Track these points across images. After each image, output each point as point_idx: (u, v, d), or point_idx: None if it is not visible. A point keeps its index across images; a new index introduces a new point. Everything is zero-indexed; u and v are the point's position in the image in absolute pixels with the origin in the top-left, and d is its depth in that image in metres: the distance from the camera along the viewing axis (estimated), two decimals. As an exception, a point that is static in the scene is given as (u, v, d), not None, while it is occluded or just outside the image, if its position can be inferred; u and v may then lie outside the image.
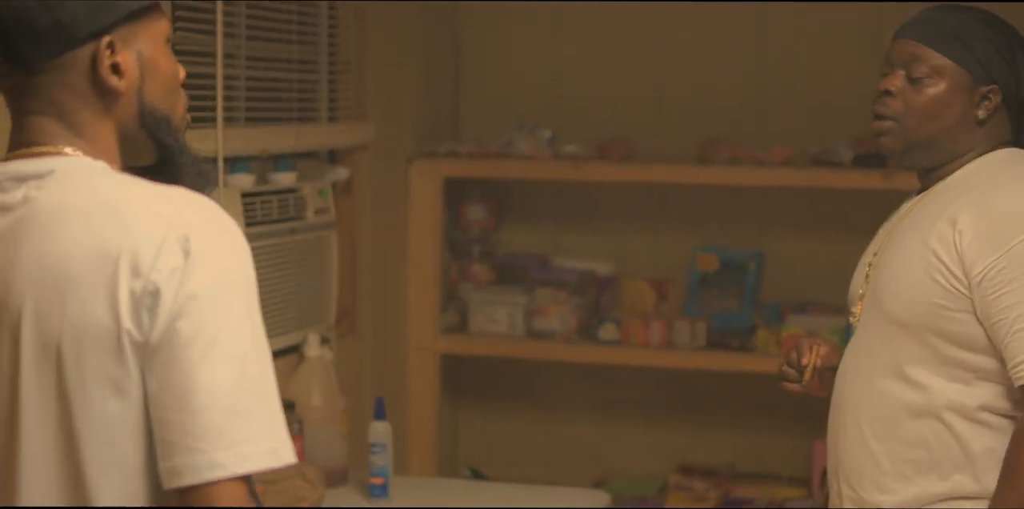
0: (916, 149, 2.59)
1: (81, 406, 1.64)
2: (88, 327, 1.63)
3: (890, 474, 2.55)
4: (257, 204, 3.62)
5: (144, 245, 1.62)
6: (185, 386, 1.61)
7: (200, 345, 1.61)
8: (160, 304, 1.61)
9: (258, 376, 1.65)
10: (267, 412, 1.65)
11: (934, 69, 2.56)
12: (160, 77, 1.79)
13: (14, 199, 1.71)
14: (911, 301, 2.52)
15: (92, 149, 1.76)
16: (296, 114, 3.94)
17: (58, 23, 1.70)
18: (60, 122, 1.75)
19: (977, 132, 2.58)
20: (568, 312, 4.66)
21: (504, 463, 4.92)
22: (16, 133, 1.77)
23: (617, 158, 4.58)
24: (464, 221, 4.88)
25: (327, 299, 3.97)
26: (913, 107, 2.57)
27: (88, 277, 1.63)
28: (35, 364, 1.65)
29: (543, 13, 4.86)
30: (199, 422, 1.60)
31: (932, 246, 2.49)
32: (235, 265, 1.67)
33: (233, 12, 3.57)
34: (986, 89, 2.56)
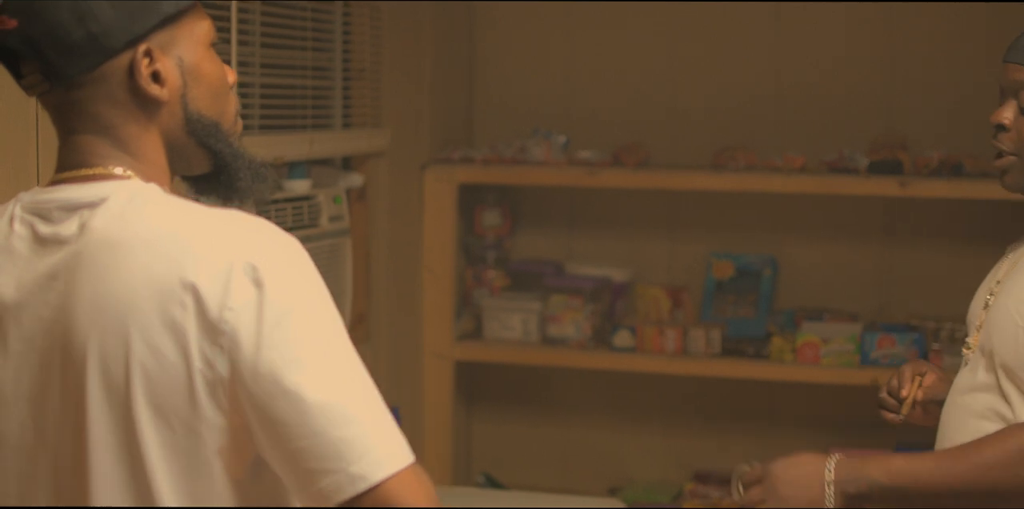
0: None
1: (152, 444, 1.61)
2: (155, 366, 1.59)
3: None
4: (272, 212, 3.62)
5: (209, 280, 1.59)
6: (300, 413, 1.58)
7: (300, 369, 1.58)
8: (241, 341, 1.58)
9: (363, 381, 1.63)
10: (383, 414, 1.63)
11: None
12: (205, 82, 1.74)
13: (68, 231, 1.67)
14: (1010, 348, 2.36)
15: (141, 166, 1.72)
16: (310, 121, 3.93)
17: (91, 35, 1.66)
18: (105, 138, 1.71)
19: None
20: (583, 319, 4.65)
21: (519, 470, 4.91)
22: (63, 154, 1.73)
23: (632, 164, 4.57)
24: (479, 227, 4.88)
25: (342, 306, 3.96)
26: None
27: (152, 316, 1.59)
28: (103, 402, 1.61)
29: (558, 19, 4.85)
30: (325, 442, 1.58)
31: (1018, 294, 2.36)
32: (308, 282, 1.64)
33: (248, 20, 3.57)
34: None
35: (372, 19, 4.20)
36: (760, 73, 4.68)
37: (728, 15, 4.65)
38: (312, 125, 3.94)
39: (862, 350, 4.34)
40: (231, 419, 1.61)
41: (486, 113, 4.95)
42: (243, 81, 3.51)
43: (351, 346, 1.65)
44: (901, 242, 4.63)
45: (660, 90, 4.78)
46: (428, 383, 4.65)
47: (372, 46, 4.21)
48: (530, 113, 4.84)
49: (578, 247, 4.91)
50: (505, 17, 4.90)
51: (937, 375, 2.60)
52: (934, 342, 4.36)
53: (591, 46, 4.83)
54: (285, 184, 3.78)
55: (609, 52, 4.81)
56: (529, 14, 4.86)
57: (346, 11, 4.10)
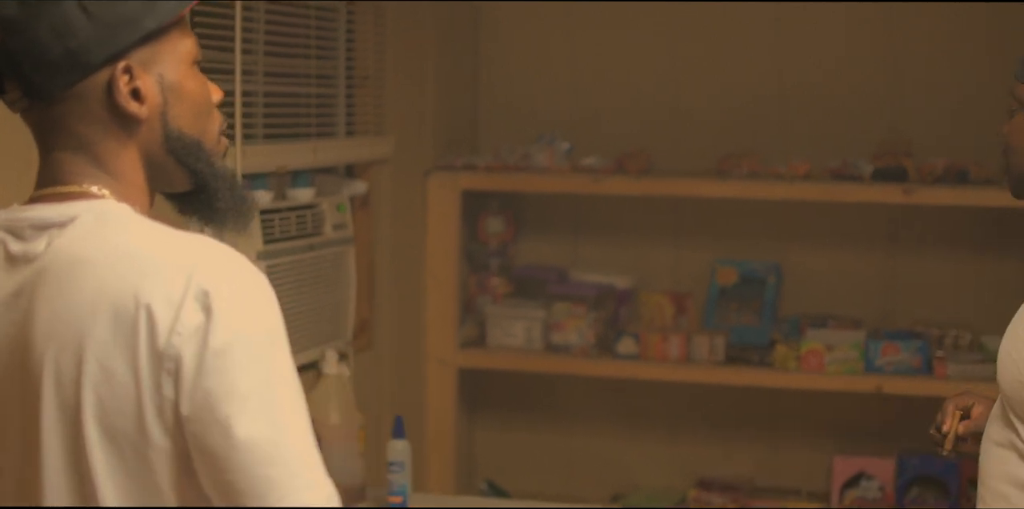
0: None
1: (100, 464, 1.59)
2: (107, 386, 1.57)
3: None
4: (275, 221, 3.61)
5: (162, 303, 1.56)
6: (227, 447, 1.56)
7: (235, 401, 1.56)
8: (183, 367, 1.56)
9: (298, 422, 1.60)
10: (313, 457, 1.61)
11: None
12: (187, 100, 1.72)
13: (36, 249, 1.66)
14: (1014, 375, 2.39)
15: (118, 184, 1.70)
16: (314, 129, 3.92)
17: (69, 51, 1.63)
18: (84, 155, 1.69)
19: None
20: (586, 326, 4.64)
21: (522, 477, 4.91)
22: (42, 171, 1.72)
23: (636, 171, 4.56)
24: (482, 234, 4.87)
25: (345, 314, 3.96)
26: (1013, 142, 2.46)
27: (106, 336, 1.57)
28: (55, 422, 1.60)
29: (562, 26, 4.85)
30: (249, 478, 1.56)
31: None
32: (260, 315, 1.61)
33: (251, 28, 3.56)
34: None
35: (376, 25, 4.20)
36: (763, 77, 4.67)
37: (730, 19, 4.65)
38: (316, 133, 3.93)
39: (866, 357, 4.34)
40: (178, 444, 1.59)
41: (490, 119, 4.95)
42: (247, 89, 3.50)
43: (295, 383, 1.62)
44: (905, 249, 4.62)
45: (664, 97, 4.77)
46: (431, 390, 4.64)
47: (375, 53, 4.21)
48: (534, 119, 4.83)
49: (582, 254, 4.91)
50: (508, 24, 4.89)
51: (985, 406, 2.57)
52: (938, 349, 4.35)
53: (594, 52, 4.83)
54: (289, 193, 3.77)
55: (612, 58, 4.81)
56: (532, 21, 4.86)
57: (350, 19, 4.10)
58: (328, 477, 1.62)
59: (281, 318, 1.63)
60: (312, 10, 3.89)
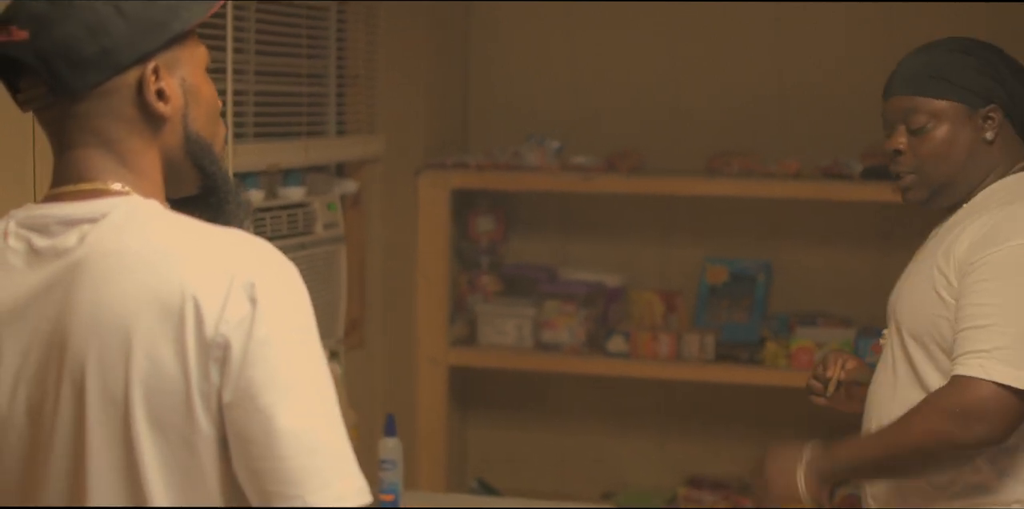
0: (940, 191, 2.66)
1: (149, 457, 1.61)
2: (155, 378, 1.59)
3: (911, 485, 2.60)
4: (267, 220, 3.61)
5: (209, 294, 1.59)
6: (268, 434, 1.58)
7: (277, 391, 1.59)
8: (231, 355, 1.58)
9: (335, 415, 1.63)
10: (349, 450, 1.63)
11: (930, 114, 2.63)
12: (203, 104, 1.76)
13: (66, 243, 1.67)
14: (920, 314, 2.58)
15: (139, 182, 1.72)
16: (305, 128, 3.93)
17: (104, 50, 1.66)
18: (107, 153, 1.71)
19: (993, 152, 2.65)
20: (576, 324, 4.65)
21: (513, 475, 4.91)
22: (61, 168, 1.73)
23: (626, 170, 4.58)
24: (473, 232, 4.88)
25: (336, 312, 3.97)
26: (925, 156, 2.63)
27: (153, 328, 1.59)
28: (102, 414, 1.61)
29: (554, 25, 4.86)
30: (288, 467, 1.58)
31: (938, 262, 2.57)
32: (300, 308, 1.64)
33: (243, 27, 3.57)
34: (985, 111, 2.63)
35: (367, 25, 4.20)
36: (758, 77, 4.68)
37: (726, 19, 4.66)
38: (307, 132, 3.94)
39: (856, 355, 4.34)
40: (220, 431, 1.61)
41: (480, 119, 4.95)
42: (238, 88, 3.51)
43: (329, 377, 1.65)
44: (895, 247, 4.61)
45: (654, 96, 4.78)
46: (422, 388, 4.65)
47: (367, 52, 4.21)
48: (525, 118, 4.84)
49: (572, 252, 4.92)
50: (500, 24, 4.90)
51: (859, 361, 2.79)
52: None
53: (586, 52, 4.84)
54: (280, 191, 3.77)
55: (604, 57, 4.82)
56: (524, 21, 4.87)
57: (341, 18, 4.10)
58: (360, 469, 1.64)
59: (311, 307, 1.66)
60: (303, 9, 3.90)
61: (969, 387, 2.43)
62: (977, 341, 2.45)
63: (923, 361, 2.57)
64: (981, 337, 2.45)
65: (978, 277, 2.49)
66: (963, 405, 2.43)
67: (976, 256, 2.51)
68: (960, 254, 2.53)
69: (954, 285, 2.53)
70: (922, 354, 2.58)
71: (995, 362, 2.43)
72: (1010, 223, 2.53)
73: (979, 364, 2.43)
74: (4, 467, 1.70)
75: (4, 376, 1.68)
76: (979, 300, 2.48)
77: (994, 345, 2.44)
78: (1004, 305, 2.47)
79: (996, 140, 2.64)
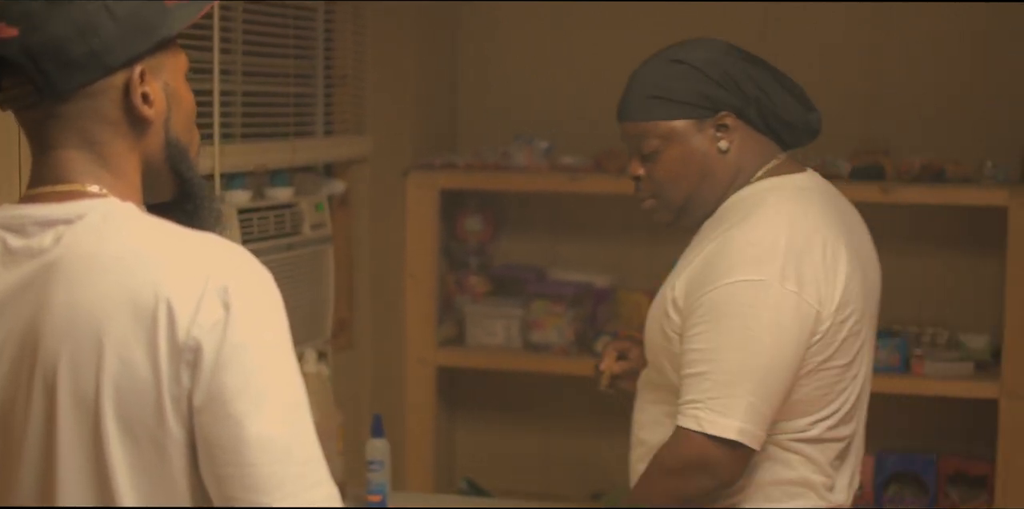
0: (685, 210, 2.66)
1: (119, 459, 1.60)
2: (127, 380, 1.59)
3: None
4: (254, 220, 3.60)
5: (182, 297, 1.59)
6: (239, 440, 1.58)
7: (249, 397, 1.59)
8: (202, 359, 1.58)
9: (306, 422, 1.64)
10: (319, 458, 1.64)
11: (660, 137, 2.61)
12: (183, 109, 1.77)
13: (42, 243, 1.66)
14: (653, 329, 2.63)
15: (118, 184, 1.72)
16: (292, 129, 3.92)
17: (93, 51, 1.66)
18: (89, 154, 1.70)
19: (730, 161, 2.62)
20: (565, 324, 4.65)
21: (501, 475, 4.91)
22: (40, 169, 1.72)
23: (614, 170, 4.57)
24: (461, 233, 4.87)
25: (324, 313, 3.96)
26: (659, 179, 2.63)
27: (125, 330, 1.59)
28: (72, 415, 1.61)
29: (542, 25, 4.85)
30: (257, 474, 1.59)
31: (674, 282, 2.57)
32: (274, 313, 1.64)
33: (229, 27, 3.56)
34: (716, 120, 2.60)
35: (355, 25, 4.20)
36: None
37: (715, 19, 4.65)
38: (294, 132, 3.93)
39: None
40: (190, 435, 1.61)
41: (469, 119, 4.95)
42: (225, 89, 3.50)
43: (301, 383, 1.65)
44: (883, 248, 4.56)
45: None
46: (411, 389, 4.64)
47: (354, 52, 4.21)
48: (514, 118, 4.84)
49: (560, 253, 4.92)
50: (488, 23, 4.90)
51: (640, 350, 2.81)
52: (916, 348, 4.36)
53: (575, 52, 4.84)
54: (267, 192, 3.77)
55: (593, 57, 4.82)
56: (512, 20, 4.87)
57: (328, 18, 4.10)
58: (331, 477, 1.65)
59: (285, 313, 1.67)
60: (291, 9, 3.89)
61: (686, 441, 2.47)
62: (692, 390, 2.47)
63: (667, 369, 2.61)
64: (696, 386, 2.46)
65: (695, 320, 2.49)
66: (683, 460, 2.48)
67: (692, 296, 2.50)
68: (680, 288, 2.54)
69: (681, 308, 2.52)
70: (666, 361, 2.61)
71: (708, 412, 2.44)
72: (723, 259, 2.48)
73: (694, 416, 2.45)
74: None
75: None
76: (694, 345, 2.48)
77: (707, 395, 2.45)
78: (716, 350, 2.46)
79: (732, 147, 2.61)
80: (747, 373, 2.44)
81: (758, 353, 2.44)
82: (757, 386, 2.44)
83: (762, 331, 2.44)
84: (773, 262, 2.46)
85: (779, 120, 2.66)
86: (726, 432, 2.43)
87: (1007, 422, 4.16)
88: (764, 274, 2.45)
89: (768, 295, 2.44)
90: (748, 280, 2.44)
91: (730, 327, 2.44)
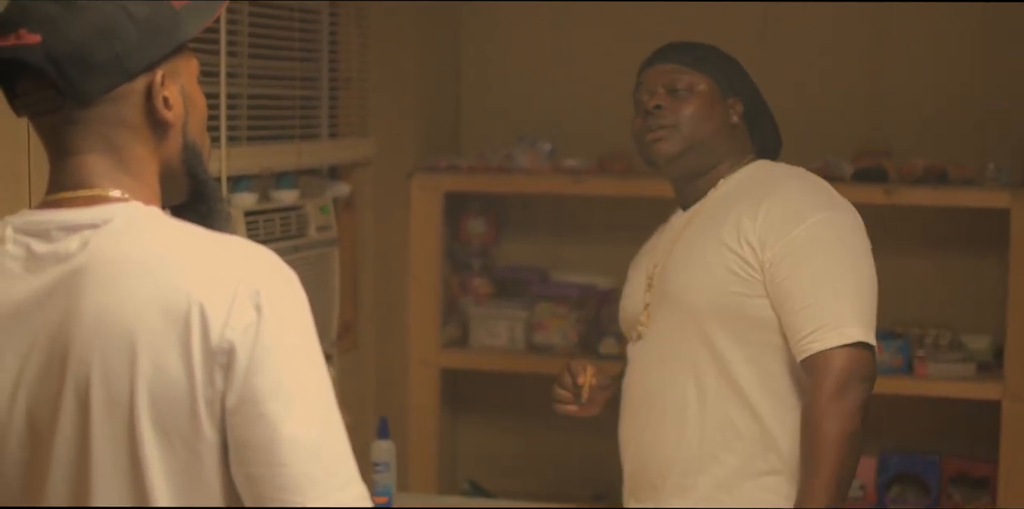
0: (692, 151, 2.83)
1: (154, 461, 1.61)
2: (161, 384, 1.59)
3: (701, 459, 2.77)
4: (260, 223, 3.61)
5: (214, 301, 1.59)
6: (271, 441, 1.59)
7: (281, 398, 1.60)
8: (236, 361, 1.59)
9: (336, 422, 1.65)
10: (349, 457, 1.65)
11: (692, 82, 2.87)
12: (198, 113, 1.78)
13: (68, 248, 1.66)
14: (712, 292, 2.74)
15: (139, 188, 1.72)
16: (298, 131, 3.94)
17: (116, 56, 1.66)
18: (109, 158, 1.71)
19: (731, 138, 2.89)
20: (568, 326, 4.65)
21: (504, 477, 4.92)
22: (60, 174, 1.72)
23: (618, 172, 4.58)
24: (464, 235, 4.88)
25: (330, 315, 3.97)
26: (685, 114, 2.84)
27: (158, 333, 1.59)
28: (106, 420, 1.61)
29: (545, 26, 4.86)
30: (289, 474, 1.60)
31: (725, 242, 2.74)
32: (303, 315, 1.65)
33: (236, 30, 3.57)
34: (732, 100, 2.90)
35: (359, 27, 4.21)
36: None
37: (716, 21, 4.66)
38: (299, 135, 3.94)
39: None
40: (222, 436, 1.62)
41: (472, 121, 4.96)
42: (231, 92, 3.51)
43: (330, 384, 1.66)
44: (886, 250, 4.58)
45: (645, 98, 4.78)
46: (414, 390, 4.65)
47: (358, 55, 4.22)
48: (517, 120, 4.85)
49: (564, 254, 4.92)
50: (491, 25, 4.91)
51: (596, 366, 3.00)
52: (919, 349, 4.37)
53: (578, 54, 4.84)
54: (273, 194, 3.78)
55: (595, 60, 4.82)
56: (515, 22, 4.87)
57: (332, 21, 4.11)
58: (360, 477, 1.66)
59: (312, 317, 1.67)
60: (296, 12, 3.90)
61: (839, 358, 2.63)
62: (819, 316, 2.64)
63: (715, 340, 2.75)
64: (821, 311, 2.65)
65: (792, 261, 2.67)
66: (846, 374, 2.63)
67: (780, 242, 2.69)
68: (753, 237, 2.71)
69: (752, 264, 2.70)
70: (716, 332, 2.75)
71: (847, 328, 2.64)
72: (794, 205, 2.73)
73: (837, 334, 2.63)
74: (4, 472, 1.69)
75: (3, 382, 1.68)
76: (802, 282, 2.67)
77: (834, 315, 2.65)
78: (829, 277, 2.68)
79: (736, 129, 2.88)
80: (861, 289, 2.71)
81: (863, 273, 2.74)
82: (869, 299, 2.73)
83: (862, 253, 2.76)
84: (837, 200, 2.81)
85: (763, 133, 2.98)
86: (868, 337, 2.67)
87: (1009, 423, 4.17)
88: (840, 210, 2.78)
89: (853, 225, 2.78)
90: (830, 216, 2.74)
91: (836, 255, 2.71)
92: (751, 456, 2.75)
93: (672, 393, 2.81)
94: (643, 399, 2.88)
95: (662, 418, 2.83)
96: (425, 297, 4.63)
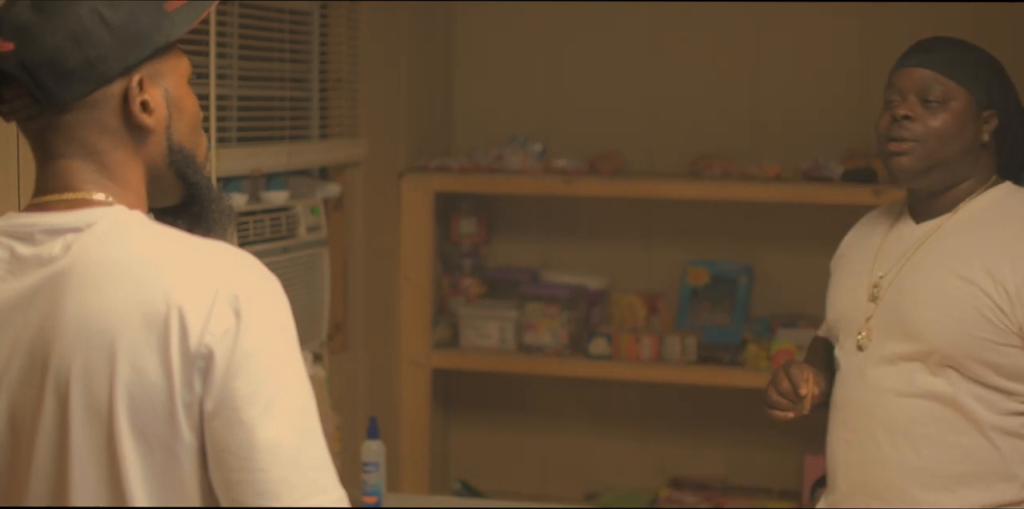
0: (935, 170, 2.66)
1: (132, 465, 1.62)
2: (139, 388, 1.60)
3: (933, 487, 2.65)
4: (250, 224, 3.62)
5: (194, 306, 1.60)
6: (249, 446, 1.60)
7: (259, 404, 1.60)
8: (214, 366, 1.59)
9: (315, 428, 1.65)
10: (328, 463, 1.65)
11: (947, 93, 2.65)
12: (186, 115, 1.77)
13: (50, 252, 1.67)
14: (959, 334, 2.60)
15: (123, 192, 1.72)
16: (288, 132, 3.94)
17: (89, 61, 1.66)
18: (91, 164, 1.71)
19: (980, 156, 2.69)
20: (559, 326, 4.66)
21: (495, 477, 4.93)
22: (44, 178, 1.73)
23: (608, 172, 4.59)
24: (455, 235, 4.89)
25: (320, 316, 3.98)
26: (933, 128, 2.64)
27: (138, 337, 1.60)
28: (85, 422, 1.62)
29: (536, 28, 4.87)
30: (267, 480, 1.60)
31: (974, 280, 2.60)
32: (283, 321, 1.66)
33: (226, 32, 3.58)
34: (987, 114, 2.68)
35: (349, 28, 4.21)
36: (736, 82, 4.70)
37: (706, 22, 4.68)
38: (290, 136, 3.95)
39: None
40: (200, 440, 1.63)
41: (463, 122, 4.96)
42: (221, 93, 3.52)
43: (310, 390, 1.67)
44: (875, 249, 4.65)
45: (636, 99, 4.80)
46: (405, 391, 4.66)
47: (349, 56, 4.22)
48: (507, 121, 4.85)
49: (554, 255, 4.93)
50: (481, 26, 4.91)
51: (814, 371, 2.81)
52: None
53: (568, 55, 4.85)
54: (263, 195, 3.78)
55: (586, 61, 4.83)
56: (506, 23, 4.88)
57: (323, 22, 4.11)
58: (339, 481, 1.66)
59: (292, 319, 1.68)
60: (286, 13, 3.91)
61: None
62: None
63: (958, 379, 2.62)
64: None
65: None
66: None
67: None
68: (1012, 287, 2.57)
69: (1008, 313, 2.57)
70: (956, 374, 2.62)
71: None
72: None
73: None
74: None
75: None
76: None
77: None
78: None
79: (985, 147, 2.69)
80: None
81: None
82: None
83: None
84: None
85: (1012, 149, 2.75)
86: None
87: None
88: None
89: None
90: None
91: None
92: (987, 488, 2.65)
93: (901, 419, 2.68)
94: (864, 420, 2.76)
95: (890, 443, 2.70)
96: (416, 297, 4.63)
